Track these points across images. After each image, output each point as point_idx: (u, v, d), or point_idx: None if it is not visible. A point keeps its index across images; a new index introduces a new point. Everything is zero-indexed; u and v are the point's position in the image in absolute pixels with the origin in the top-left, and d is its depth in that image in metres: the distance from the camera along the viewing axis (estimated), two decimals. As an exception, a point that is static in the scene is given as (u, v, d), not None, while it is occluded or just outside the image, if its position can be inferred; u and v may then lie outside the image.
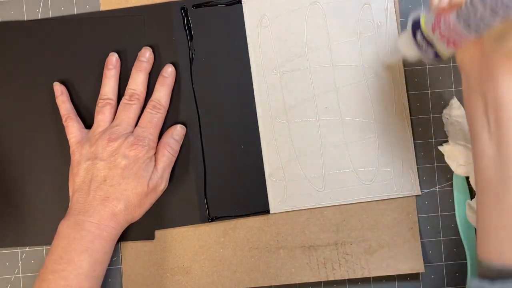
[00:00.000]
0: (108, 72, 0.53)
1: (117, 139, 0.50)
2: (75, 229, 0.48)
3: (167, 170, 0.52)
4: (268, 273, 0.54)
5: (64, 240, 0.47)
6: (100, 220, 0.48)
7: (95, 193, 0.49)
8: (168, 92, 0.53)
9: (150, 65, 0.53)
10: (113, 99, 0.52)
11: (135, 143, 0.50)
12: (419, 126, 0.55)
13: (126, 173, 0.49)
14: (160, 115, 0.52)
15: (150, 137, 0.51)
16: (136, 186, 0.49)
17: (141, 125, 0.51)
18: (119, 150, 0.49)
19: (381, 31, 0.54)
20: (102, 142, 0.50)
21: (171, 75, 0.53)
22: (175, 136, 0.53)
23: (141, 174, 0.50)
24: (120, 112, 0.52)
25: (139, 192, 0.49)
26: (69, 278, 0.46)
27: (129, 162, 0.49)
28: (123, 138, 0.50)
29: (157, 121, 0.52)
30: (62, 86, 0.53)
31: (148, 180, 0.50)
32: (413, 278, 0.55)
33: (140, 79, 0.52)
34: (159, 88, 0.53)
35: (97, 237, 0.48)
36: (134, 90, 0.52)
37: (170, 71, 0.53)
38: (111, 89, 0.53)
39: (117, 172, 0.49)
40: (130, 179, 0.49)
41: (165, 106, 0.53)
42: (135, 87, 0.52)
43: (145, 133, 0.51)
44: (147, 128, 0.51)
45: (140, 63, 0.53)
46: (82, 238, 0.47)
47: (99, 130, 0.51)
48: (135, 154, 0.50)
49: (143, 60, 0.53)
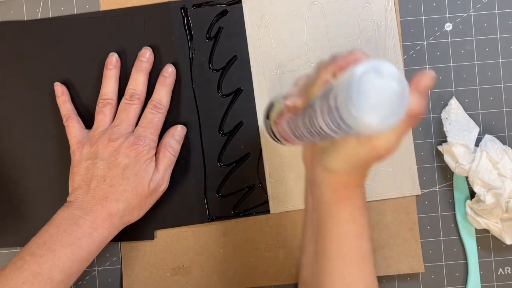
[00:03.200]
0: (108, 72, 0.53)
1: (117, 139, 0.49)
2: (68, 221, 0.47)
3: (168, 171, 0.52)
4: (268, 273, 0.54)
5: (54, 228, 0.47)
6: (94, 219, 0.47)
7: (94, 192, 0.48)
8: (168, 92, 0.53)
9: (150, 65, 0.53)
10: (114, 99, 0.52)
11: (136, 143, 0.49)
12: (419, 126, 0.55)
13: (127, 173, 0.49)
14: (160, 115, 0.52)
15: (150, 137, 0.50)
16: (136, 187, 0.49)
17: (141, 125, 0.51)
18: (119, 150, 0.49)
19: (381, 31, 0.54)
20: (103, 142, 0.50)
21: (172, 75, 0.53)
22: (176, 136, 0.53)
23: (141, 175, 0.49)
24: (120, 112, 0.52)
25: (139, 192, 0.49)
26: (44, 266, 0.45)
27: (130, 162, 0.49)
28: (123, 138, 0.50)
29: (158, 121, 0.52)
30: (63, 86, 0.53)
31: (149, 181, 0.50)
32: (413, 278, 0.55)
33: (141, 79, 0.52)
34: (159, 88, 0.53)
35: (86, 236, 0.47)
36: (134, 90, 0.52)
37: (170, 71, 0.53)
38: (111, 89, 0.52)
39: (117, 172, 0.49)
40: (131, 180, 0.49)
41: (166, 106, 0.52)
42: (135, 87, 0.52)
43: (145, 133, 0.50)
44: (148, 128, 0.51)
45: (140, 63, 0.53)
46: (71, 232, 0.47)
47: (100, 130, 0.51)
48: (135, 154, 0.49)
49: (143, 60, 0.53)
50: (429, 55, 0.55)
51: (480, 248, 0.55)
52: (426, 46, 0.55)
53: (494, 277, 0.55)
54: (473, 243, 0.54)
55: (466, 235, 0.54)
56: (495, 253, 0.55)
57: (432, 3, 0.55)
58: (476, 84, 0.55)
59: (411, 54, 0.55)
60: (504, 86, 0.55)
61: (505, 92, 0.55)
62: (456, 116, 0.53)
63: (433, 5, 0.55)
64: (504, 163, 0.51)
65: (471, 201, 0.53)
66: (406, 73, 0.54)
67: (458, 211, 0.54)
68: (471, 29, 0.55)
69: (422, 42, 0.55)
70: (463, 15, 0.55)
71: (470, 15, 0.55)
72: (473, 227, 0.54)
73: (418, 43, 0.55)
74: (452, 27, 0.55)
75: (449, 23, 0.55)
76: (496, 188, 0.51)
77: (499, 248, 0.55)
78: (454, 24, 0.55)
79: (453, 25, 0.55)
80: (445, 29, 0.55)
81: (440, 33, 0.55)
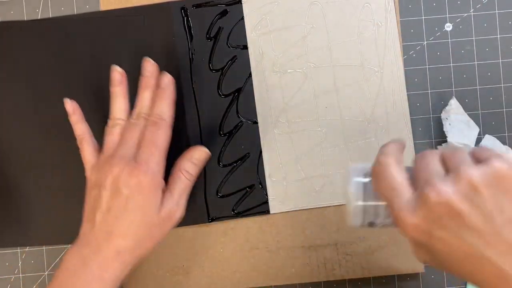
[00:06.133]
0: (113, 90, 0.49)
1: (117, 165, 0.45)
2: (77, 262, 0.44)
3: (184, 197, 0.47)
4: (268, 273, 0.54)
5: (64, 273, 0.44)
6: (103, 259, 0.44)
7: (101, 226, 0.45)
8: (169, 105, 0.48)
9: (155, 78, 0.49)
10: (123, 118, 0.49)
11: (136, 168, 0.45)
12: (419, 126, 0.55)
13: (130, 204, 0.44)
14: (162, 131, 0.47)
15: (154, 161, 0.46)
16: (143, 218, 0.45)
17: (143, 147, 0.46)
18: (119, 178, 0.45)
19: (381, 31, 0.54)
20: (105, 168, 0.46)
21: (169, 85, 0.48)
22: (194, 159, 0.49)
23: (147, 205, 0.45)
24: (124, 133, 0.48)
25: (147, 223, 0.45)
26: None
27: (131, 192, 0.44)
28: (123, 164, 0.45)
29: (161, 140, 0.47)
30: (73, 103, 0.50)
31: (158, 210, 0.45)
32: (413, 278, 0.55)
33: (147, 96, 0.48)
34: (158, 101, 0.48)
35: (97, 279, 0.43)
36: (140, 109, 0.48)
37: (167, 81, 0.48)
38: (119, 107, 0.49)
39: (121, 202, 0.44)
40: (136, 210, 0.45)
41: (168, 120, 0.48)
42: (142, 105, 0.48)
43: (147, 157, 0.46)
44: (149, 149, 0.46)
45: (145, 79, 0.49)
46: (80, 276, 0.44)
47: (107, 154, 0.47)
48: (137, 182, 0.45)
49: (147, 75, 0.49)
50: (429, 55, 0.55)
51: (480, 248, 0.55)
52: (426, 46, 0.55)
53: (494, 277, 0.55)
54: (473, 243, 0.54)
55: (466, 235, 0.54)
56: (495, 253, 0.55)
57: (432, 3, 0.55)
58: (476, 84, 0.55)
59: (411, 54, 0.55)
60: (504, 86, 0.55)
61: (505, 92, 0.55)
62: (456, 116, 0.53)
63: (433, 5, 0.55)
64: (504, 163, 0.51)
65: (471, 201, 0.53)
66: (406, 73, 0.54)
67: (458, 211, 0.54)
68: (471, 29, 0.55)
69: (422, 42, 0.55)
70: (463, 15, 0.55)
71: (470, 15, 0.55)
72: (473, 227, 0.54)
73: (418, 43, 0.55)
74: (452, 27, 0.55)
75: (449, 23, 0.55)
76: (496, 188, 0.51)
77: (499, 248, 0.55)
78: (454, 24, 0.55)
79: (453, 25, 0.55)
80: (445, 29, 0.55)
81: (440, 33, 0.55)
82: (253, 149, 0.54)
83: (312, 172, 0.54)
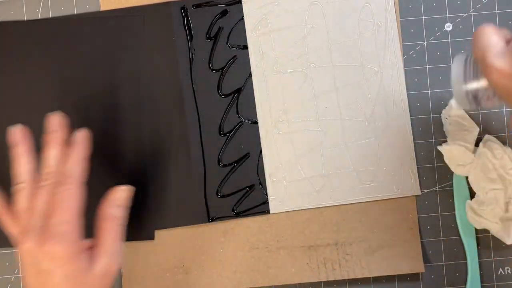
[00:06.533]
0: (14, 151, 0.46)
1: (29, 241, 0.41)
2: None
3: (116, 243, 0.44)
4: (268, 273, 0.54)
5: None
6: None
7: None
8: (78, 160, 0.45)
9: (63, 132, 0.46)
10: (29, 181, 0.45)
11: (48, 241, 0.41)
12: (419, 126, 0.55)
13: (57, 278, 0.41)
14: (71, 191, 0.43)
15: (66, 226, 0.42)
16: (75, 286, 0.42)
17: (53, 213, 0.42)
18: (37, 255, 0.41)
19: (381, 31, 0.54)
20: (22, 245, 0.42)
21: (82, 140, 0.46)
22: (118, 202, 0.46)
23: (72, 273, 0.41)
24: (32, 199, 0.44)
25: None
26: None
27: (51, 267, 0.41)
28: (34, 240, 0.41)
29: (71, 200, 0.43)
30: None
31: (88, 271, 0.42)
32: (413, 278, 0.55)
33: (53, 154, 0.45)
34: (67, 159, 0.45)
35: None
36: (48, 169, 0.45)
37: (81, 137, 0.46)
38: (23, 169, 0.46)
39: (48, 279, 0.41)
40: (65, 282, 0.41)
41: (77, 177, 0.44)
42: (48, 165, 0.45)
43: (59, 223, 0.42)
44: (60, 214, 0.42)
45: (50, 135, 0.46)
46: None
47: (22, 224, 0.44)
48: (51, 256, 0.41)
49: (53, 130, 0.46)
50: (429, 55, 0.55)
51: (480, 248, 0.55)
52: (426, 46, 0.55)
53: (494, 277, 0.55)
54: (473, 243, 0.54)
55: (466, 235, 0.54)
56: (495, 253, 0.55)
57: (432, 3, 0.55)
58: (476, 84, 0.55)
59: (411, 54, 0.55)
60: (504, 86, 0.55)
61: (505, 92, 0.55)
62: (456, 116, 0.53)
63: (433, 5, 0.55)
64: (504, 163, 0.51)
65: (471, 201, 0.53)
66: (406, 73, 0.54)
67: (458, 211, 0.54)
68: (471, 29, 0.55)
69: (422, 42, 0.55)
70: (463, 15, 0.55)
71: (470, 15, 0.55)
72: (473, 227, 0.54)
73: (418, 43, 0.55)
74: (452, 27, 0.55)
75: (449, 23, 0.55)
76: (496, 188, 0.51)
77: (499, 248, 0.55)
78: (454, 24, 0.55)
79: (453, 25, 0.55)
80: (445, 29, 0.55)
81: (440, 33, 0.55)
82: (253, 149, 0.54)
83: (312, 172, 0.54)
